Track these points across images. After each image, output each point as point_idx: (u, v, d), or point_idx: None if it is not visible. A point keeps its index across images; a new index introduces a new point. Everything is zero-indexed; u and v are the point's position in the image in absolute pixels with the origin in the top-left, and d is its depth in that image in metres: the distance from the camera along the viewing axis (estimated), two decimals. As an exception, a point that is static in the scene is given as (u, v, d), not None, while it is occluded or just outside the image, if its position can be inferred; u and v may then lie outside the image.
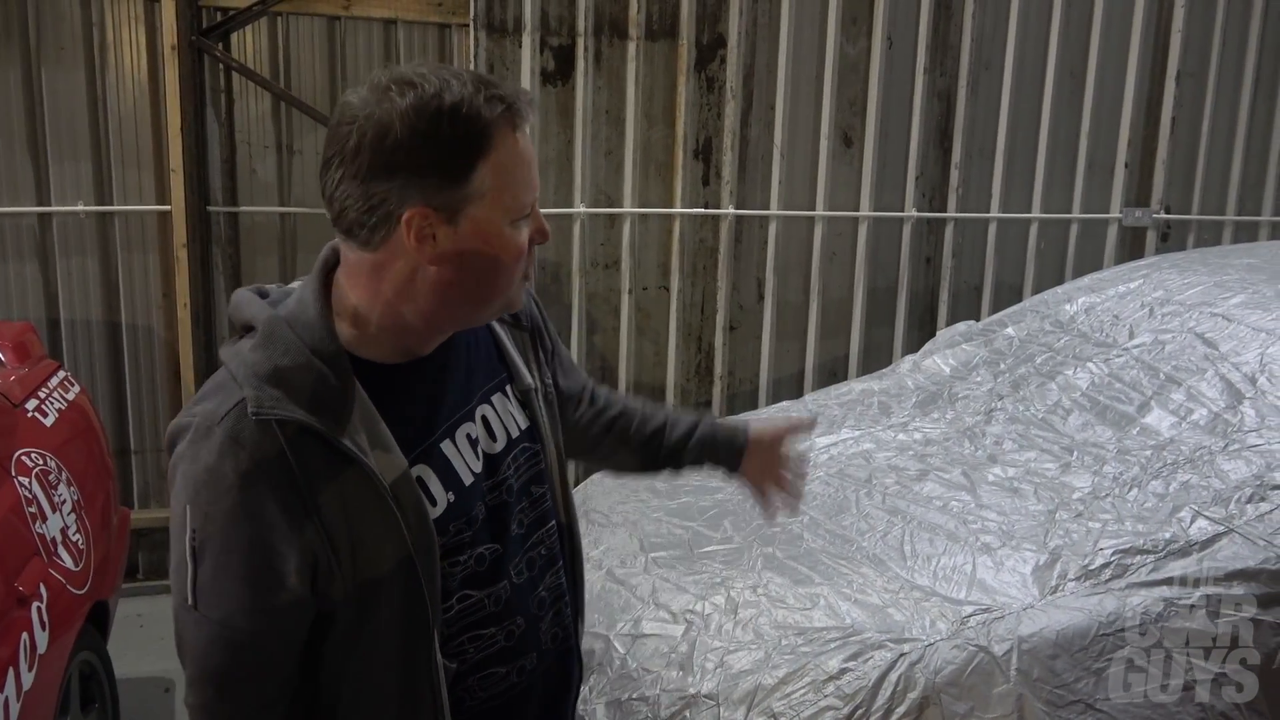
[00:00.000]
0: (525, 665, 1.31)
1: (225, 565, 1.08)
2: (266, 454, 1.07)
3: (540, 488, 1.36)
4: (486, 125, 1.08)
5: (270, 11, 3.92)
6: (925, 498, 2.39)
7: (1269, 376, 2.44)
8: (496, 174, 1.10)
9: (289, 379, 1.10)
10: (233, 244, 4.09)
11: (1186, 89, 4.89)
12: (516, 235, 1.14)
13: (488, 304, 1.19)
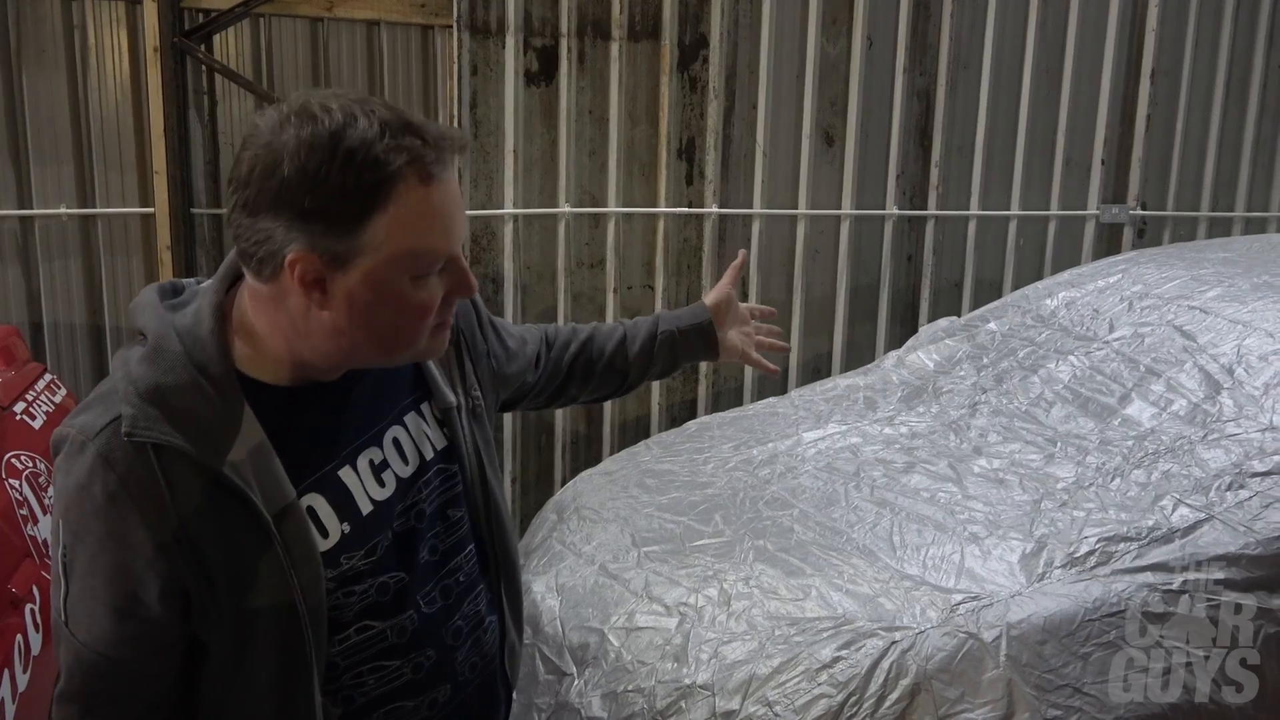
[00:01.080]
0: (437, 699, 1.26)
1: (90, 589, 1.06)
2: (138, 478, 1.03)
3: (458, 510, 1.30)
4: (385, 177, 1.00)
5: (252, 13, 3.92)
6: (913, 490, 2.43)
7: (1246, 367, 2.49)
8: (394, 229, 1.02)
9: (170, 399, 1.05)
10: (217, 246, 4.08)
11: (1161, 87, 4.96)
12: (419, 292, 1.06)
13: (391, 354, 1.12)
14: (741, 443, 2.92)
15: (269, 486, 1.08)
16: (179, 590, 1.07)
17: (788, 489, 2.54)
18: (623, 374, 1.68)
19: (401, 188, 1.01)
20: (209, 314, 1.11)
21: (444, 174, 1.04)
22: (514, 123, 4.17)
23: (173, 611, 1.08)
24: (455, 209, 1.07)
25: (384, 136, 0.99)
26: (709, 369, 4.59)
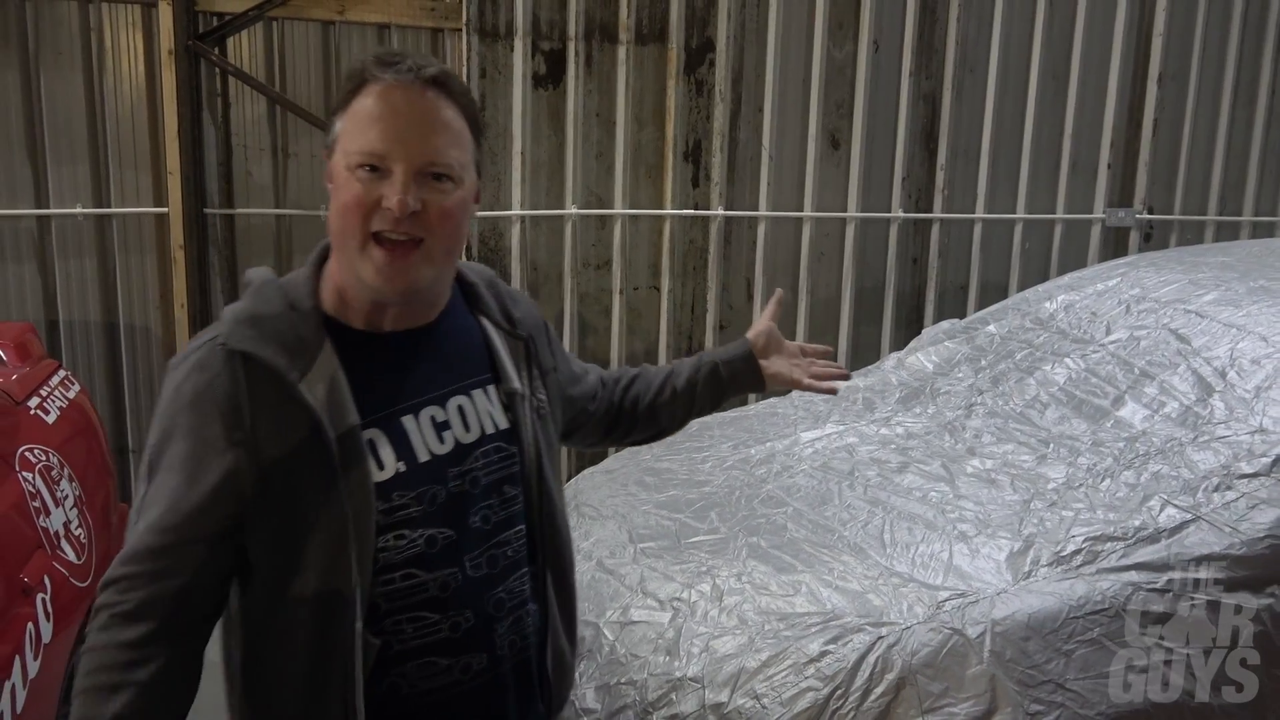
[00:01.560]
0: (472, 664, 1.29)
1: (165, 480, 1.17)
2: (223, 381, 1.16)
3: (513, 489, 1.36)
4: (356, 80, 1.22)
5: (265, 17, 3.99)
6: (905, 489, 2.46)
7: (1238, 370, 2.51)
8: (349, 120, 1.22)
9: (263, 323, 1.20)
10: (229, 245, 4.15)
11: (1168, 91, 4.97)
12: (349, 181, 1.20)
13: (342, 250, 1.23)
14: (740, 442, 2.95)
15: (336, 411, 1.19)
16: (237, 490, 1.17)
17: (783, 487, 2.58)
18: (670, 409, 1.73)
19: (365, 89, 1.21)
20: (309, 264, 1.30)
21: (394, 88, 1.20)
22: (522, 125, 4.22)
23: (228, 506, 1.17)
24: (405, 121, 1.20)
25: (373, 60, 1.22)
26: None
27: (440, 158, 1.21)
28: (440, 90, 1.22)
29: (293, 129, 4.13)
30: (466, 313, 1.39)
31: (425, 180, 1.20)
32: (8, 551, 2.25)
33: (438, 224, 1.22)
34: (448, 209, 1.22)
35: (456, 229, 1.25)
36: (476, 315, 1.41)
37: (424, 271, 1.23)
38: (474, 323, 1.40)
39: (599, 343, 4.51)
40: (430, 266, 1.24)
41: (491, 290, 1.44)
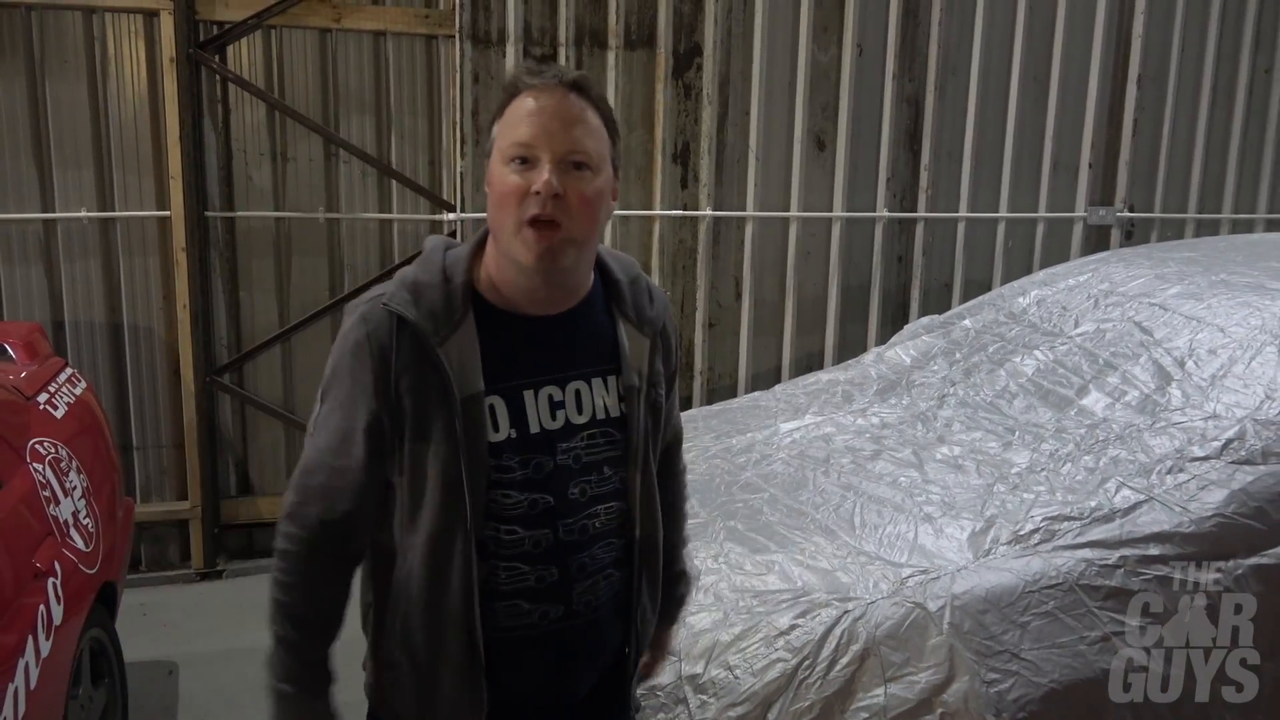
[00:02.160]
0: (549, 613, 1.45)
1: (330, 410, 1.42)
2: (379, 336, 1.38)
3: (614, 470, 1.51)
4: (508, 91, 1.42)
5: (265, 25, 4.11)
6: (877, 475, 2.57)
7: (1195, 360, 2.63)
8: (503, 124, 1.40)
9: (420, 290, 1.40)
10: (230, 248, 4.27)
11: (1147, 92, 5.08)
12: (505, 174, 1.37)
13: (499, 239, 1.40)
14: (723, 433, 3.07)
15: (466, 375, 1.39)
16: (379, 429, 1.39)
17: (761, 474, 2.69)
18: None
19: (515, 99, 1.40)
20: (470, 243, 1.48)
21: (540, 91, 1.38)
22: (514, 129, 4.33)
23: (370, 441, 1.39)
24: (549, 117, 1.37)
25: (523, 71, 1.42)
26: (704, 365, 4.75)
27: (579, 146, 1.37)
28: (579, 92, 1.40)
29: (291, 134, 4.24)
30: (604, 305, 1.53)
31: (568, 169, 1.36)
32: (20, 538, 2.37)
33: (577, 209, 1.36)
34: (586, 196, 1.37)
35: (594, 214, 1.40)
36: (612, 308, 1.54)
37: (568, 250, 1.38)
38: (608, 315, 1.53)
39: (591, 340, 4.62)
40: (572, 247, 1.38)
41: (632, 287, 1.56)
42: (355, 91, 4.29)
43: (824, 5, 4.63)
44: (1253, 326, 2.65)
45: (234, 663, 3.57)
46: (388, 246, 4.43)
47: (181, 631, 3.84)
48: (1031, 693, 1.95)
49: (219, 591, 4.26)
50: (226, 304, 4.29)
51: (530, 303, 1.44)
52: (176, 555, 4.40)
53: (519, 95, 1.39)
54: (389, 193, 4.39)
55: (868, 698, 1.95)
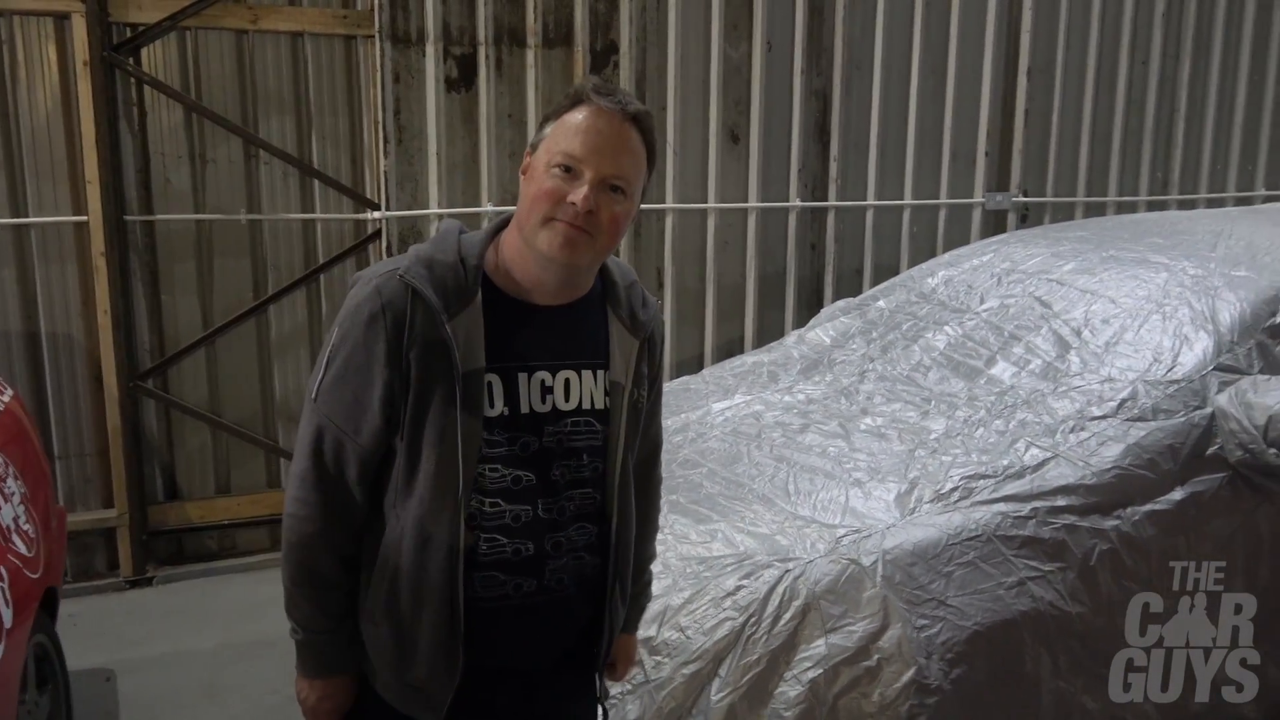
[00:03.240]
0: (523, 586, 1.55)
1: (340, 376, 1.50)
2: (395, 308, 1.47)
3: (593, 459, 1.60)
4: (573, 99, 1.50)
5: (179, 27, 4.08)
6: (807, 446, 2.73)
7: (1091, 329, 2.86)
8: (559, 127, 1.49)
9: (435, 267, 1.49)
10: (150, 251, 4.22)
11: (1037, 83, 5.40)
12: (547, 177, 1.47)
13: (524, 227, 1.50)
14: (658, 415, 3.19)
15: (469, 351, 1.48)
16: (390, 396, 1.48)
17: (698, 451, 2.83)
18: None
19: (578, 108, 1.48)
20: (486, 230, 1.58)
21: (601, 112, 1.47)
22: (436, 127, 4.39)
23: (383, 408, 1.48)
24: (603, 139, 1.46)
25: (592, 87, 1.49)
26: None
27: (622, 173, 1.47)
28: (636, 125, 1.49)
29: (210, 135, 4.22)
30: (602, 304, 1.62)
31: (605, 189, 1.47)
32: (-34, 543, 2.36)
33: (607, 225, 1.48)
34: (616, 215, 1.48)
35: (617, 234, 1.51)
36: (608, 308, 1.62)
37: (586, 256, 1.49)
38: (603, 314, 1.62)
39: (518, 334, 4.70)
40: (592, 254, 1.50)
41: (628, 291, 1.65)
42: (274, 92, 4.29)
43: (733, 3, 4.80)
44: (1140, 297, 2.90)
45: (172, 667, 3.57)
46: (311, 246, 4.43)
47: (115, 639, 3.80)
48: (957, 635, 2.13)
49: (150, 599, 4.22)
50: (148, 308, 4.25)
51: (537, 292, 1.54)
52: (104, 564, 4.34)
53: (581, 106, 1.48)
54: (311, 193, 4.40)
55: (810, 649, 2.10)
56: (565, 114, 1.49)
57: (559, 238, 1.46)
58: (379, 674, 1.58)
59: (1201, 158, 5.92)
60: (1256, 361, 2.62)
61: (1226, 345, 2.64)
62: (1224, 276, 2.87)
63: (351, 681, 1.62)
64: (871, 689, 2.07)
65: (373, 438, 1.50)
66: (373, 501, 1.56)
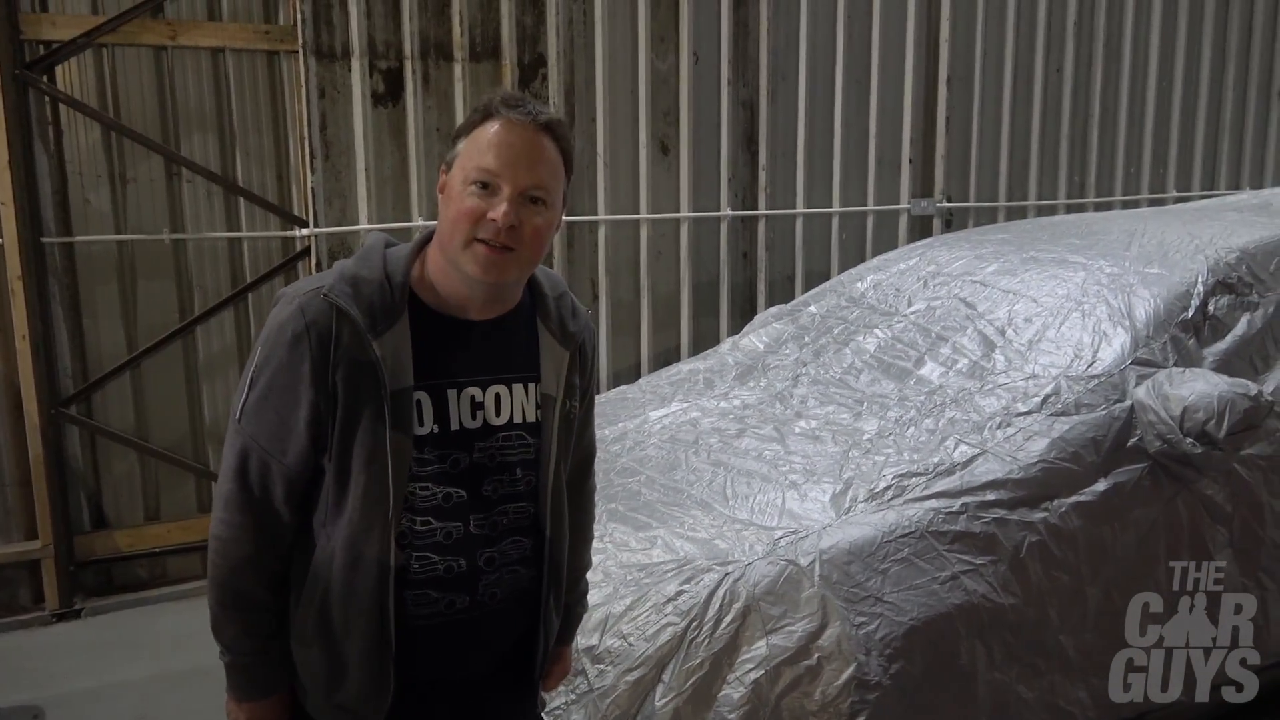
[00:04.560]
0: (456, 602, 1.53)
1: (264, 396, 1.46)
2: (320, 328, 1.44)
3: (525, 473, 1.59)
4: (483, 113, 1.49)
5: (95, 44, 3.99)
6: (743, 451, 2.76)
7: (1014, 328, 2.94)
8: (469, 145, 1.48)
9: (360, 285, 1.47)
10: (69, 274, 4.11)
11: (957, 93, 5.53)
12: (465, 195, 1.45)
13: (447, 248, 1.48)
14: (596, 425, 3.20)
15: (398, 369, 1.46)
16: (317, 417, 1.45)
17: (636, 459, 2.84)
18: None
19: (488, 122, 1.48)
20: (411, 245, 1.55)
21: (513, 125, 1.46)
22: (364, 142, 4.35)
23: (309, 429, 1.46)
24: (517, 152, 1.46)
25: (500, 100, 1.48)
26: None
27: (540, 183, 1.47)
28: (549, 134, 1.49)
29: (130, 154, 4.12)
30: (531, 315, 1.61)
31: (525, 202, 1.46)
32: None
33: (530, 239, 1.47)
34: (539, 228, 1.47)
35: (542, 245, 1.50)
36: (538, 320, 1.61)
37: (512, 273, 1.48)
38: (533, 326, 1.61)
39: (453, 349, 4.67)
40: (517, 270, 1.49)
41: (558, 302, 1.64)
42: (195, 109, 4.21)
43: (659, 16, 4.84)
44: (1060, 296, 2.99)
45: (103, 701, 3.46)
46: (238, 265, 4.35)
47: (42, 674, 3.68)
48: (895, 630, 2.17)
49: (78, 631, 4.09)
50: (69, 333, 4.13)
51: (465, 308, 1.52)
52: (29, 598, 4.19)
53: (492, 120, 1.47)
54: (236, 211, 4.32)
55: (752, 650, 2.12)
56: (476, 129, 1.48)
57: (483, 260, 1.46)
58: (309, 695, 1.56)
59: (1116, 162, 6.12)
60: (1171, 355, 2.72)
61: (1143, 340, 2.74)
62: (1139, 274, 2.97)
63: (283, 703, 1.59)
64: (813, 688, 2.09)
65: (299, 458, 1.48)
66: (301, 520, 1.53)
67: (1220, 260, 2.98)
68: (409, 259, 1.53)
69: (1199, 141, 6.33)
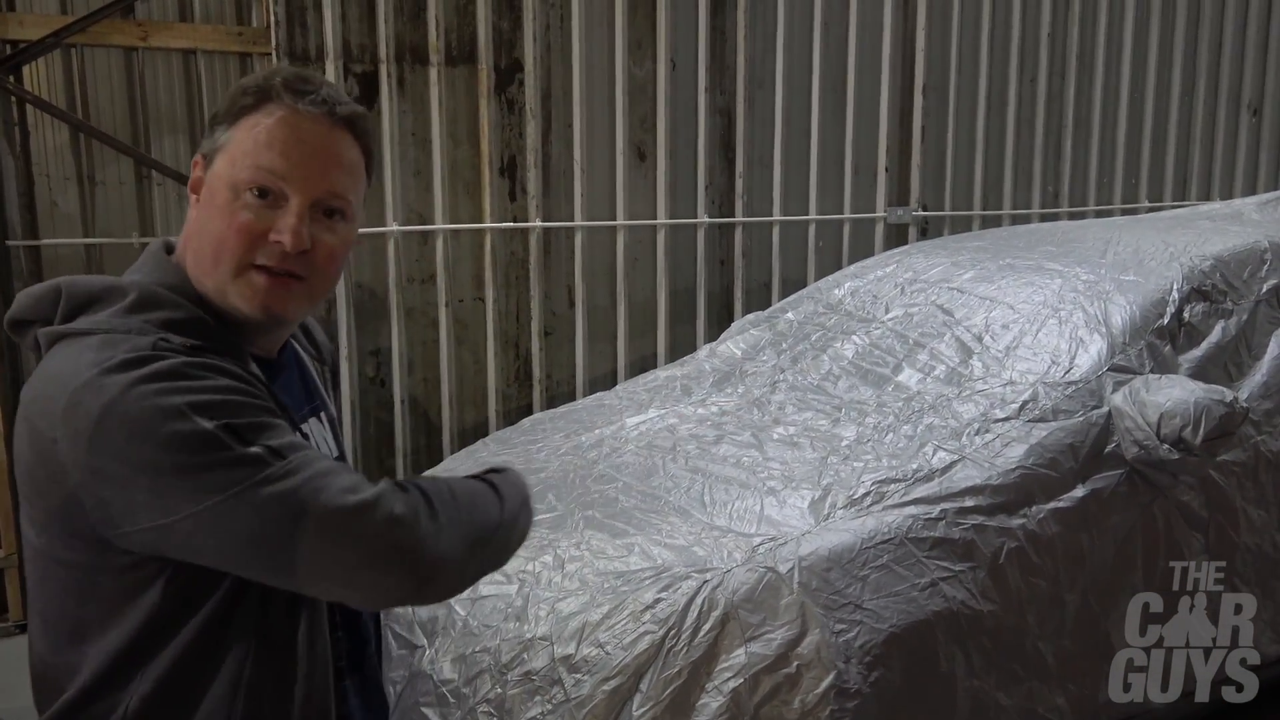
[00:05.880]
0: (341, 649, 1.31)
1: (269, 425, 1.07)
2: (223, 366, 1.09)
3: None
4: (260, 96, 1.15)
5: (64, 44, 3.92)
6: (721, 457, 2.74)
7: (991, 335, 2.94)
8: (243, 133, 1.14)
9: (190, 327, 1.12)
10: (36, 277, 4.03)
11: (932, 101, 5.56)
12: (233, 205, 1.13)
13: (213, 270, 1.15)
14: (571, 432, 3.17)
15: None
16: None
17: (613, 466, 2.81)
18: None
19: (267, 108, 1.15)
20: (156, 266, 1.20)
21: (305, 117, 1.15)
22: (338, 146, 4.30)
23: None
24: (309, 150, 1.14)
25: (276, 75, 1.17)
26: (542, 374, 4.83)
27: (340, 191, 1.18)
28: (350, 129, 1.19)
29: (99, 156, 4.06)
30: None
31: (318, 216, 1.17)
32: None
33: (324, 264, 1.18)
34: (335, 250, 1.18)
35: (338, 270, 1.22)
36: (290, 342, 1.35)
37: (301, 307, 1.20)
38: (295, 350, 1.37)
39: (429, 355, 4.63)
40: (308, 303, 1.20)
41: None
42: (166, 111, 4.15)
43: (636, 22, 4.83)
44: (1037, 302, 2.99)
45: (68, 713, 3.38)
46: (210, 270, 4.29)
47: (6, 686, 3.59)
48: (875, 638, 2.15)
49: (42, 643, 4.00)
50: (35, 337, 4.05)
51: (249, 341, 1.21)
52: (-10, 608, 4.11)
53: (270, 106, 1.14)
54: (208, 215, 4.26)
55: (731, 658, 2.10)
56: (250, 115, 1.14)
57: (262, 291, 1.14)
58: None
59: (1089, 171, 6.17)
60: (1148, 361, 2.73)
61: (1119, 346, 2.74)
62: (1114, 281, 2.98)
63: None
64: (792, 696, 2.07)
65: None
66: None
67: (1195, 268, 3.00)
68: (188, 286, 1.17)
69: (1170, 153, 6.39)
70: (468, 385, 4.74)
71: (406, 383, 4.59)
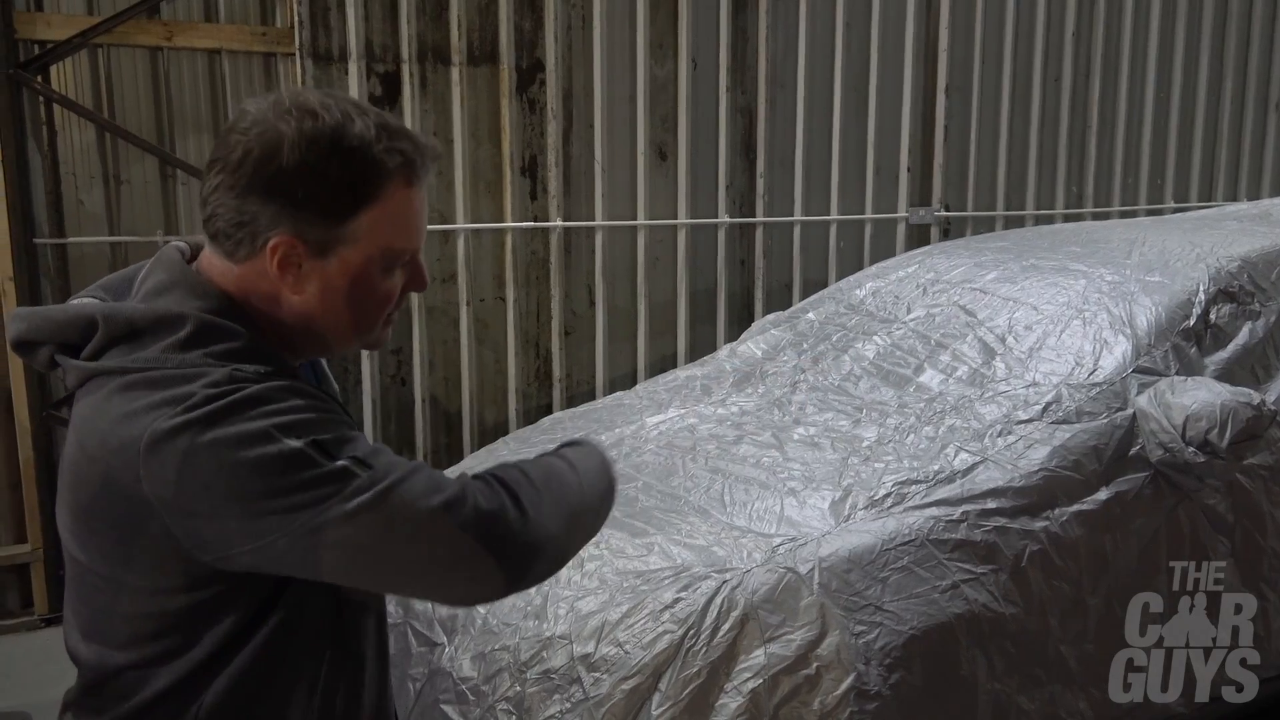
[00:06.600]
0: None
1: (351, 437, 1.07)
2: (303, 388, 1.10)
3: None
4: (379, 176, 1.11)
5: (90, 44, 3.96)
6: (741, 457, 2.73)
7: (1015, 336, 2.92)
8: (378, 222, 1.12)
9: (255, 355, 1.11)
10: (62, 275, 4.08)
11: (955, 102, 5.53)
12: (385, 281, 1.16)
13: (345, 341, 1.20)
14: (591, 430, 3.17)
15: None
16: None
17: (633, 465, 2.81)
18: None
19: (391, 187, 1.12)
20: (184, 287, 1.14)
21: (425, 179, 1.16)
22: (360, 146, 4.32)
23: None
24: (425, 211, 1.18)
25: (380, 139, 1.10)
26: (562, 373, 4.84)
27: None
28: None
29: (124, 155, 4.09)
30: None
31: None
32: None
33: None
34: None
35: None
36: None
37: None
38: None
39: (449, 354, 4.65)
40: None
41: None
42: (191, 111, 4.19)
43: (658, 22, 4.83)
44: (1061, 303, 2.97)
45: (92, 707, 3.42)
46: (233, 268, 4.32)
47: (31, 679, 3.63)
48: (895, 640, 2.14)
49: (67, 637, 4.04)
50: (61, 334, 4.09)
51: (292, 355, 1.22)
52: (17, 602, 4.15)
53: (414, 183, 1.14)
54: (232, 214, 4.29)
55: (750, 659, 2.09)
56: (381, 197, 1.11)
57: (390, 330, 1.25)
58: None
59: (1114, 172, 6.12)
60: (1173, 363, 2.70)
61: (1144, 348, 2.71)
62: (1139, 282, 2.96)
63: None
64: (811, 697, 2.06)
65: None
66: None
67: (1222, 269, 2.96)
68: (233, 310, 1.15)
69: (1196, 153, 6.32)
70: (488, 384, 4.75)
71: (427, 382, 4.60)
